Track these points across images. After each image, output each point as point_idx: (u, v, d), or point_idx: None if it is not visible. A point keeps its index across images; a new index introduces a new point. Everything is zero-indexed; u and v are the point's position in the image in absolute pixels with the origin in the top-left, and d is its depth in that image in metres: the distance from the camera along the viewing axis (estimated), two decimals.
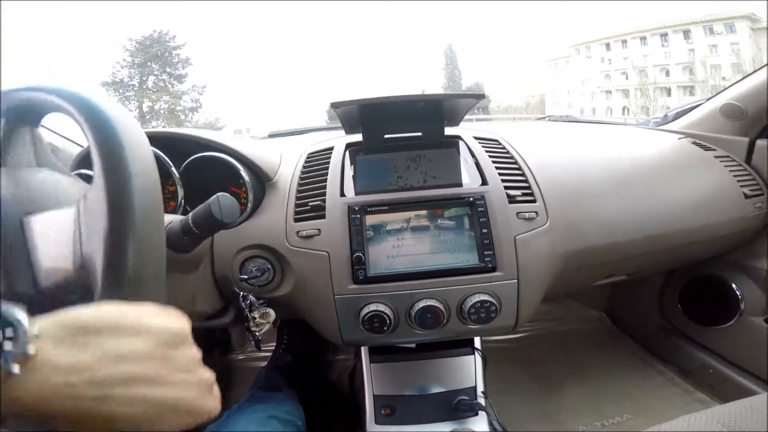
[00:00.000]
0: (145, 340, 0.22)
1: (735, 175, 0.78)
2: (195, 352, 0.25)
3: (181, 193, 0.63)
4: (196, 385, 0.24)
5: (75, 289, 0.31)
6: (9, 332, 0.19)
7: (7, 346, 0.18)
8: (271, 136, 0.98)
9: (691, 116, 0.95)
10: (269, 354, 1.04)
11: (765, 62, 0.81)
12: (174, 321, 0.25)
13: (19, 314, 0.19)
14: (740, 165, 0.82)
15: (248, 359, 1.16)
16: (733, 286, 0.90)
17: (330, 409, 0.96)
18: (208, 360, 0.25)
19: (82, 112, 0.31)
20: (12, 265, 0.31)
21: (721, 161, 0.80)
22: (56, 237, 0.32)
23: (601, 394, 0.97)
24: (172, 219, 0.47)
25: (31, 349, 0.19)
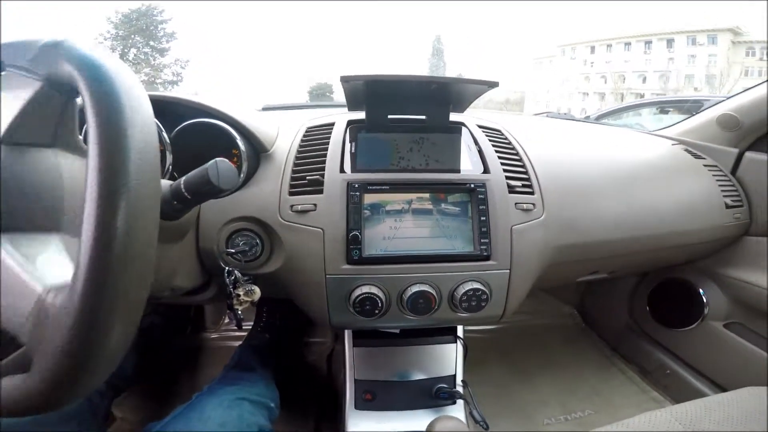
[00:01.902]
0: None
1: (720, 185, 0.81)
2: None
3: (170, 158, 0.59)
4: None
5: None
6: None
7: None
8: (265, 109, 0.94)
9: (688, 123, 0.97)
10: (245, 333, 1.01)
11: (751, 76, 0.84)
12: None
13: None
14: (726, 175, 0.86)
15: (222, 338, 1.13)
16: (700, 291, 0.94)
17: (306, 391, 0.95)
18: (180, 339, 0.24)
19: (79, 66, 0.28)
20: None
21: (709, 170, 0.83)
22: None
23: (568, 388, 1.01)
24: (162, 183, 0.44)
25: None
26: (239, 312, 0.54)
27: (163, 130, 0.58)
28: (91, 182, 0.25)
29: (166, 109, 0.59)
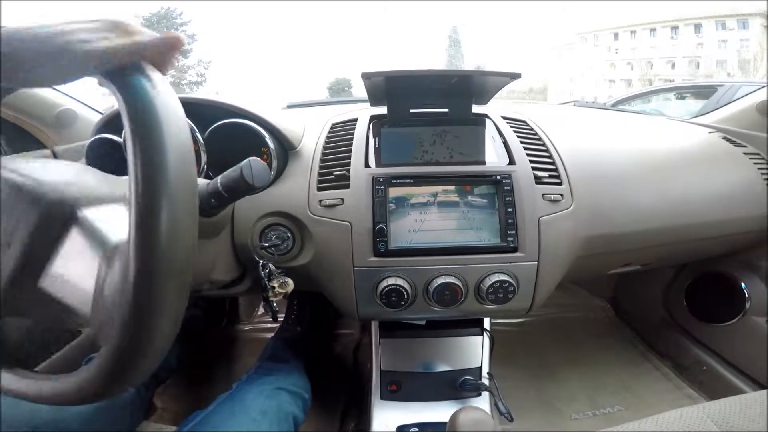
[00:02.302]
0: None
1: (762, 173, 0.77)
2: None
3: (204, 158, 0.62)
4: None
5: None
6: None
7: None
8: (290, 107, 0.96)
9: (725, 111, 0.93)
10: (277, 325, 1.05)
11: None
12: None
13: None
14: None
15: (255, 330, 1.18)
16: (742, 284, 0.90)
17: (334, 382, 0.98)
18: (217, 330, 0.25)
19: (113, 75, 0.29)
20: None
21: (750, 158, 0.79)
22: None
23: (599, 383, 0.99)
24: (199, 182, 0.46)
25: None
26: (274, 304, 0.57)
27: (196, 131, 0.61)
28: (135, 187, 0.26)
29: (198, 111, 0.61)
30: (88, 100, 0.88)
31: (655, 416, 0.46)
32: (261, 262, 0.55)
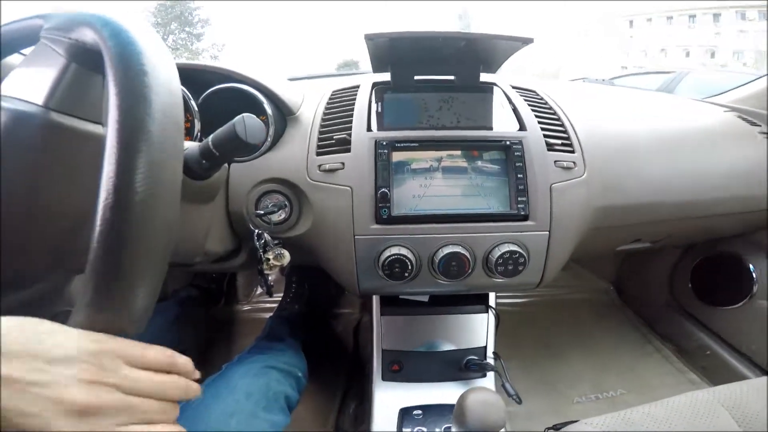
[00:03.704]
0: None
1: None
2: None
3: (198, 126, 0.59)
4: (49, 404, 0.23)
5: None
6: None
7: None
8: (291, 80, 0.93)
9: (741, 91, 0.91)
10: (276, 305, 1.03)
11: None
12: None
13: None
14: None
15: (254, 310, 1.15)
16: (750, 266, 0.88)
17: (334, 362, 0.96)
18: (215, 310, 0.23)
19: (101, 30, 0.27)
20: None
21: (766, 137, 0.77)
22: None
23: (603, 366, 0.97)
24: (189, 145, 0.44)
25: None
26: (269, 277, 0.54)
27: (191, 98, 0.58)
28: (111, 136, 0.23)
29: (192, 77, 0.58)
30: None
31: (665, 400, 0.45)
32: (256, 231, 0.52)
